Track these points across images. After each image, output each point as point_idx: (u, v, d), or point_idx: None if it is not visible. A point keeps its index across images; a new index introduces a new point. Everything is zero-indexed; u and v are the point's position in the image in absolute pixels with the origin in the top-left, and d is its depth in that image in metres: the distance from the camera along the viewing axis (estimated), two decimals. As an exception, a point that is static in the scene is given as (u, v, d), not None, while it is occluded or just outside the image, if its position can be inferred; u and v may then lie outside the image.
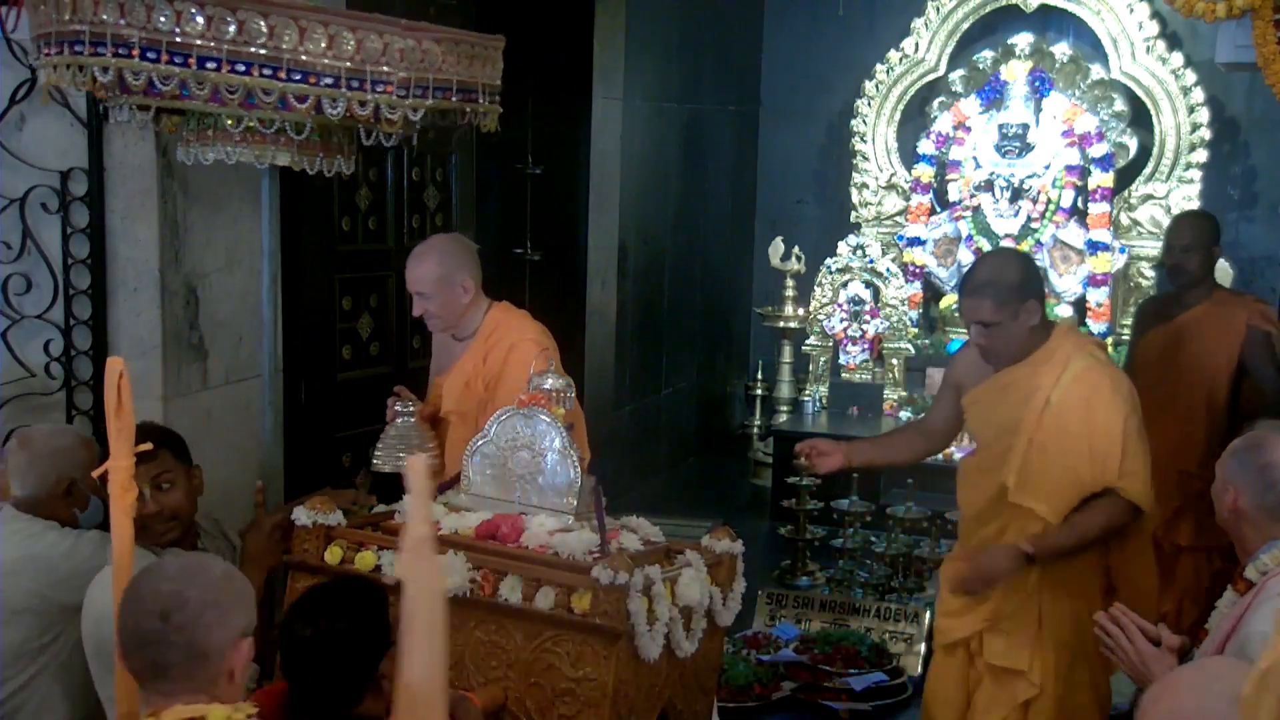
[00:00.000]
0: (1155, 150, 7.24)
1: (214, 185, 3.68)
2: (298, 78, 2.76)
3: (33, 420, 3.55)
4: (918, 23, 7.64)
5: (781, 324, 7.60)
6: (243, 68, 2.73)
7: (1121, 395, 3.27)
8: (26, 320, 3.54)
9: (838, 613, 5.04)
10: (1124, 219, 7.26)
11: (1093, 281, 7.19)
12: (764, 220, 8.48)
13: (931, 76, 7.68)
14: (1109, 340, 6.93)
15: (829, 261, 7.40)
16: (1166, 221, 7.10)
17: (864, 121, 7.80)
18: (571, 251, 6.37)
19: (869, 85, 7.76)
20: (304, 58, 2.75)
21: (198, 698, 1.95)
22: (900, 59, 7.70)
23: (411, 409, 3.40)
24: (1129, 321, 7.14)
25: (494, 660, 2.66)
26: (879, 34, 7.88)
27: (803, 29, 8.32)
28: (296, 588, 2.78)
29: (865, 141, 7.81)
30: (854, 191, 7.85)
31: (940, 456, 6.68)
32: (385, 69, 2.82)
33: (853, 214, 7.86)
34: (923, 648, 4.67)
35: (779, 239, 7.60)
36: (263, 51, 2.73)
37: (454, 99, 2.97)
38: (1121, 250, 7.15)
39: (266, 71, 2.73)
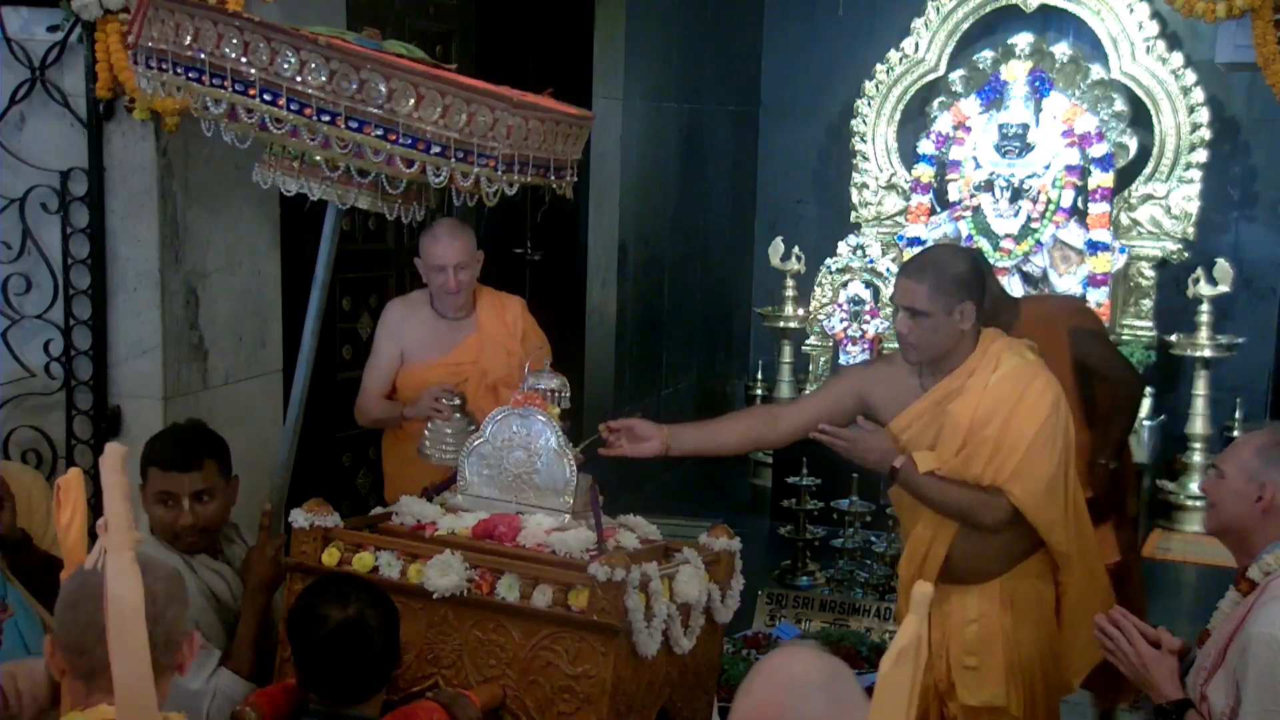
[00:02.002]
0: (1155, 150, 7.23)
1: (214, 185, 3.68)
2: (408, 142, 2.82)
3: (33, 420, 3.56)
4: (918, 23, 7.65)
5: (781, 324, 7.61)
6: (356, 124, 2.79)
7: (1047, 398, 3.08)
8: (26, 320, 3.55)
9: (838, 613, 5.04)
10: (1124, 219, 7.26)
11: (1093, 281, 7.19)
12: (764, 220, 8.48)
13: (931, 76, 7.69)
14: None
15: (829, 261, 7.40)
16: (1167, 222, 7.16)
17: (864, 121, 7.80)
18: (571, 251, 6.38)
19: (869, 85, 7.76)
20: (417, 124, 2.81)
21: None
22: (900, 59, 7.70)
23: (458, 401, 3.59)
24: (1129, 322, 7.17)
25: (492, 659, 2.67)
26: (879, 34, 7.88)
27: (803, 29, 8.33)
28: (294, 589, 2.79)
29: (865, 141, 7.81)
30: (854, 191, 7.85)
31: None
32: (492, 144, 2.87)
33: (853, 214, 7.86)
34: (922, 647, 4.66)
35: (779, 239, 7.61)
36: (378, 112, 2.79)
37: (548, 176, 3.06)
38: (1121, 250, 7.15)
39: (378, 132, 2.80)
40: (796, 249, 7.53)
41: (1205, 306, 6.77)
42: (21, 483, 3.17)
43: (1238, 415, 7.05)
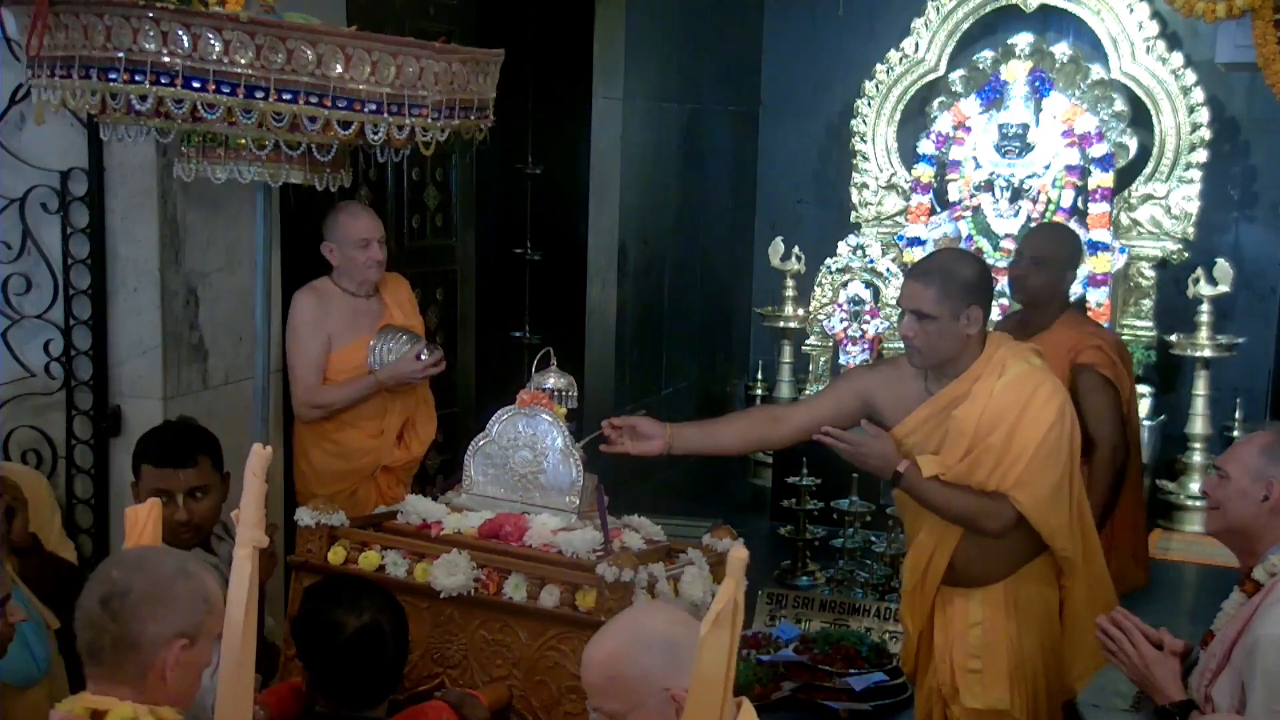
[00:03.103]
0: (1155, 150, 7.24)
1: (214, 185, 3.66)
2: (343, 105, 2.80)
3: (33, 420, 3.55)
4: (918, 23, 7.64)
5: (781, 324, 7.60)
6: (289, 95, 2.76)
7: (1053, 405, 3.05)
8: (26, 320, 3.54)
9: (838, 613, 5.04)
10: (1124, 219, 7.26)
11: (1093, 281, 7.19)
12: (764, 220, 8.48)
13: (931, 76, 7.68)
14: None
15: (829, 261, 7.40)
16: (1167, 222, 7.16)
17: (864, 121, 7.80)
18: (571, 251, 6.36)
19: (869, 85, 7.76)
20: (349, 85, 2.79)
21: (117, 689, 1.96)
22: (900, 59, 7.70)
23: (438, 349, 4.01)
24: (1129, 322, 7.17)
25: (499, 659, 2.67)
26: (879, 34, 7.87)
27: (803, 29, 8.32)
28: (300, 588, 2.78)
29: (865, 141, 7.81)
30: (854, 191, 7.85)
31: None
32: (422, 92, 2.87)
33: (853, 214, 7.86)
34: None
35: (779, 239, 7.60)
36: (310, 79, 2.77)
37: (473, 116, 3.04)
38: (1121, 250, 7.15)
39: (313, 99, 2.78)
40: (796, 249, 7.53)
41: (1205, 306, 6.76)
42: (28, 486, 3.16)
43: (1238, 415, 7.04)
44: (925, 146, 7.56)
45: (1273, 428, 2.75)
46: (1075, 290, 7.28)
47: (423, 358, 3.94)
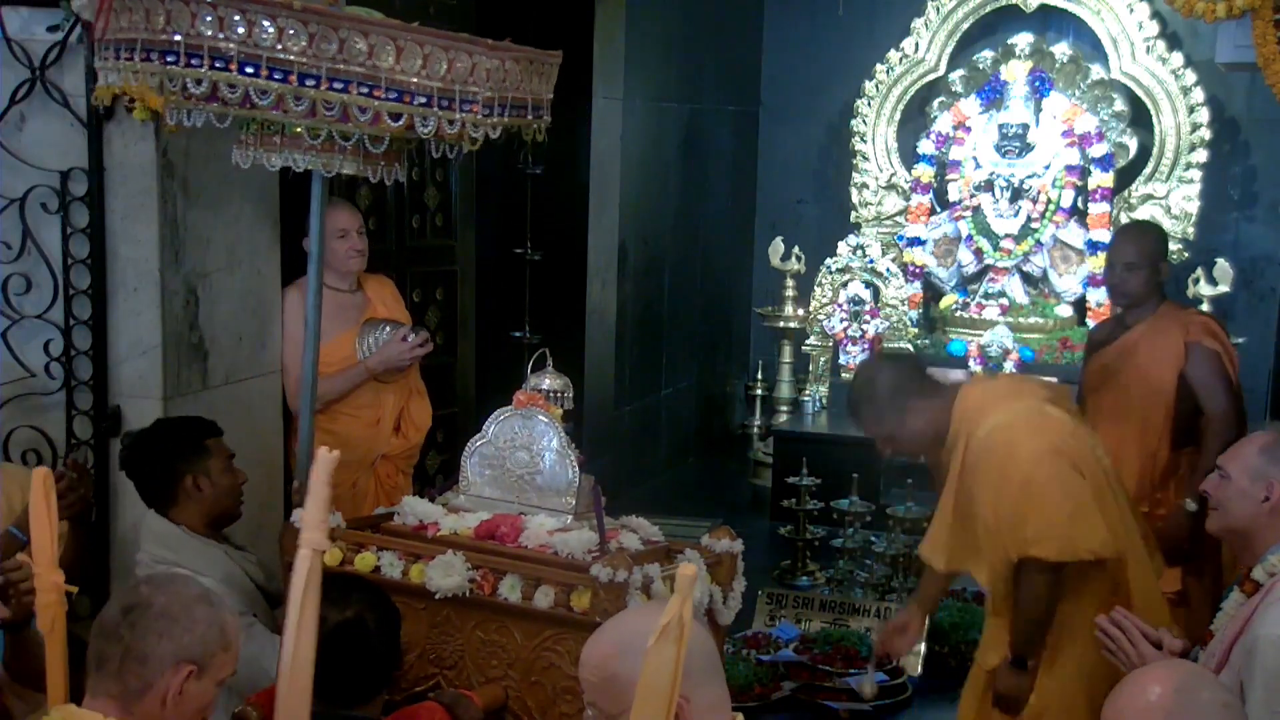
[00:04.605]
0: (1155, 150, 7.24)
1: (214, 185, 3.68)
2: (393, 96, 2.83)
3: (33, 420, 3.55)
4: (918, 23, 7.65)
5: (781, 324, 7.60)
6: (340, 84, 2.79)
7: (1027, 449, 3.01)
8: (26, 320, 3.54)
9: (838, 613, 5.03)
10: (1124, 219, 7.25)
11: (1093, 282, 7.19)
12: (764, 220, 8.48)
13: (931, 76, 7.69)
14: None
15: (829, 261, 7.41)
16: (1167, 222, 7.14)
17: (864, 121, 7.80)
18: (571, 251, 6.37)
19: (869, 85, 7.76)
20: (400, 77, 2.82)
21: (105, 704, 1.94)
22: (900, 59, 7.70)
23: (424, 333, 4.10)
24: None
25: (494, 660, 2.67)
26: (879, 34, 7.87)
27: (803, 29, 8.32)
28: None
29: (865, 141, 7.81)
30: (854, 191, 7.85)
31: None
32: (473, 88, 2.90)
33: (853, 214, 7.86)
34: (922, 648, 4.66)
35: (779, 239, 7.60)
36: (361, 69, 2.79)
37: (527, 115, 3.09)
38: (1122, 250, 7.14)
39: (363, 90, 2.80)
40: (796, 249, 7.53)
41: (1205, 306, 6.75)
42: (27, 486, 3.17)
43: (1238, 415, 7.05)
44: (925, 146, 7.56)
45: (1273, 428, 2.76)
46: (1075, 290, 7.31)
47: (409, 340, 4.00)
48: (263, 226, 3.90)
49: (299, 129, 3.00)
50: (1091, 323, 7.18)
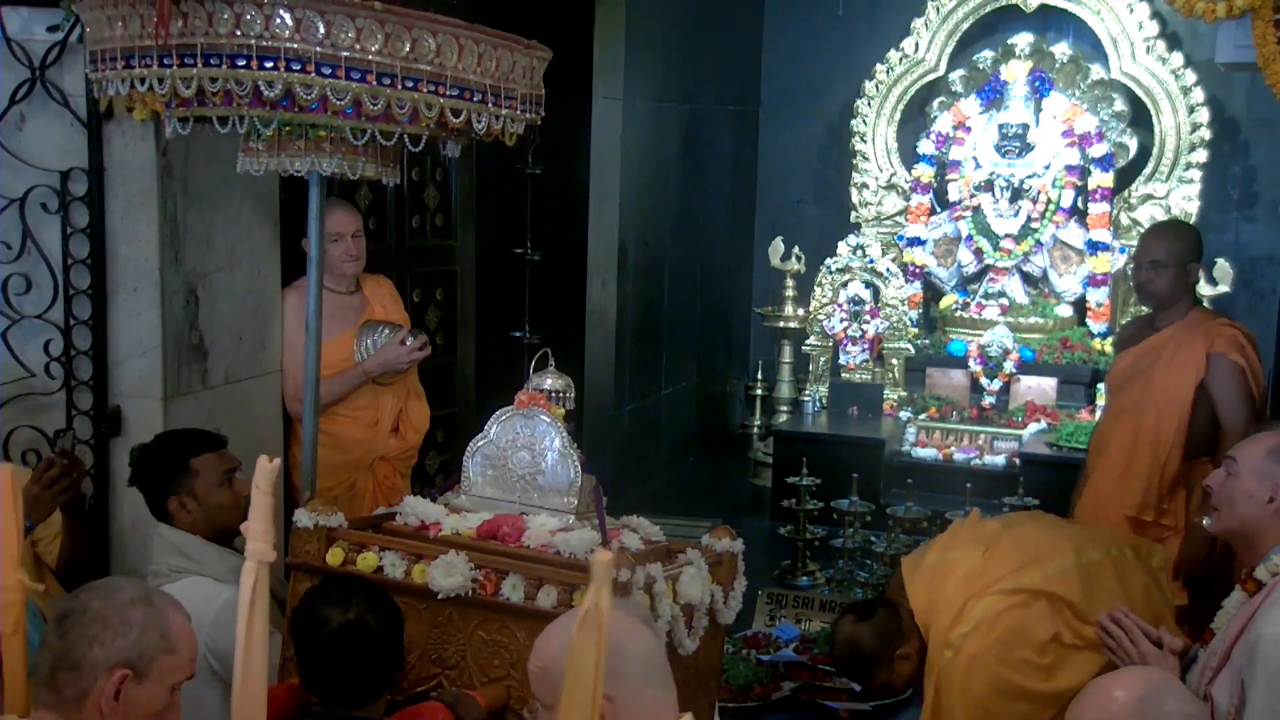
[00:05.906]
0: (1155, 150, 7.24)
1: (214, 185, 3.67)
2: (455, 93, 2.82)
3: (33, 420, 3.55)
4: (918, 23, 7.65)
5: (781, 324, 7.61)
6: (411, 83, 2.75)
7: (980, 690, 3.05)
8: (26, 320, 3.53)
9: (837, 613, 5.02)
10: (1124, 219, 7.26)
11: (1093, 282, 7.20)
12: (764, 220, 8.48)
13: (931, 76, 7.69)
14: (1107, 340, 6.93)
15: (829, 261, 7.41)
16: (1167, 222, 7.15)
17: (864, 121, 7.80)
18: (571, 251, 6.36)
19: (869, 85, 7.76)
20: (462, 75, 2.82)
21: (45, 715, 1.89)
22: (900, 59, 7.71)
23: (422, 336, 4.11)
24: (1128, 321, 7.16)
25: (496, 660, 2.66)
26: (879, 34, 7.88)
27: (803, 29, 8.33)
28: (298, 590, 2.78)
29: (865, 141, 7.81)
30: (854, 191, 7.86)
31: (940, 455, 6.75)
32: (513, 85, 2.93)
33: (853, 214, 7.86)
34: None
35: (779, 239, 7.61)
36: (429, 68, 2.78)
37: (541, 111, 3.13)
38: (1121, 250, 7.15)
39: (430, 88, 2.79)
40: (796, 249, 7.53)
41: (1205, 305, 6.76)
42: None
43: (1238, 415, 7.04)
44: (925, 146, 7.56)
45: (1278, 428, 2.76)
46: (1075, 290, 7.30)
47: (407, 343, 4.00)
48: (262, 227, 3.90)
49: (322, 132, 2.97)
50: (1092, 323, 7.20)
